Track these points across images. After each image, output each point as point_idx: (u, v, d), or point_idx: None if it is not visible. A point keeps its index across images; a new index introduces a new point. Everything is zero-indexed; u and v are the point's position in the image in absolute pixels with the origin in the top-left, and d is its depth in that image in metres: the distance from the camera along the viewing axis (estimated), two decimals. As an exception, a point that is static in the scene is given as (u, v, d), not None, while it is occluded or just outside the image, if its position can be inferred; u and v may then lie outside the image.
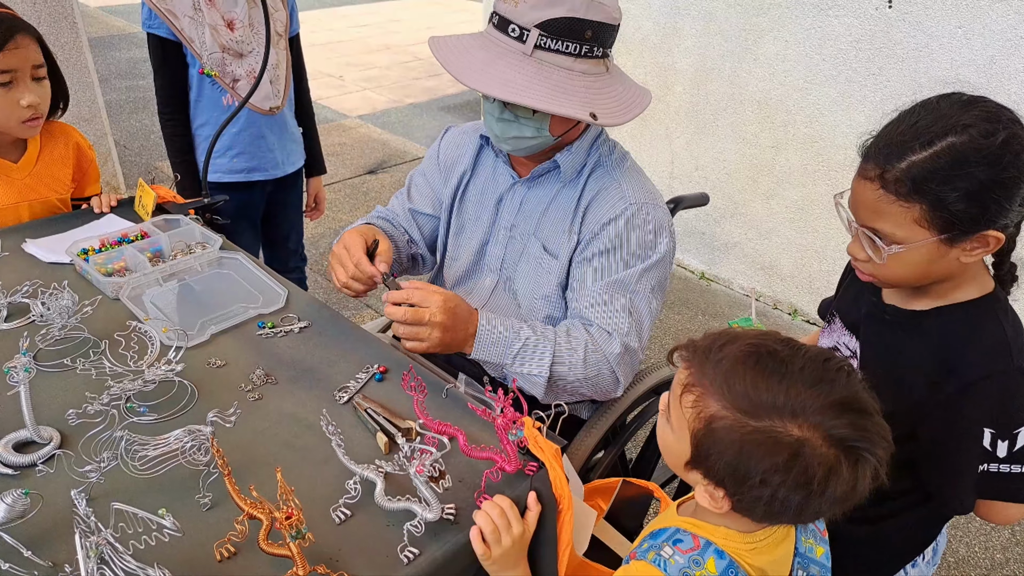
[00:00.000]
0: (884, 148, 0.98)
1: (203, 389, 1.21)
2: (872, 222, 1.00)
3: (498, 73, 1.23)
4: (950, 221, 0.94)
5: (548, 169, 1.42)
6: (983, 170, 0.91)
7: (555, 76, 1.23)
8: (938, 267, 1.00)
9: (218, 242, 1.58)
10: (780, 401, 0.77)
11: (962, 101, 0.96)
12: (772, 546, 0.88)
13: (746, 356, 0.81)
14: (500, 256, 1.51)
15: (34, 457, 1.03)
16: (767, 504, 0.79)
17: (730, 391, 0.79)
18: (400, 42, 8.37)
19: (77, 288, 1.42)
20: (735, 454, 0.78)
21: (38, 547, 0.90)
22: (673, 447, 0.87)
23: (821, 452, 0.76)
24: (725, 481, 0.81)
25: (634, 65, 3.62)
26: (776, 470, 0.76)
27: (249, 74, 2.09)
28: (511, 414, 1.02)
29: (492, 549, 0.94)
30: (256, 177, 2.23)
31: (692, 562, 0.84)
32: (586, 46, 1.24)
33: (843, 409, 0.77)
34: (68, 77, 3.27)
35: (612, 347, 1.32)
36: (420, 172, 1.66)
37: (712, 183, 3.54)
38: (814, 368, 0.79)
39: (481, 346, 1.30)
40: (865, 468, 0.77)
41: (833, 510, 0.80)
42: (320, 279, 3.56)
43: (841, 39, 2.89)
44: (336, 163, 4.91)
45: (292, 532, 0.86)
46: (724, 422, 0.79)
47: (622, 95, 1.31)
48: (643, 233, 1.36)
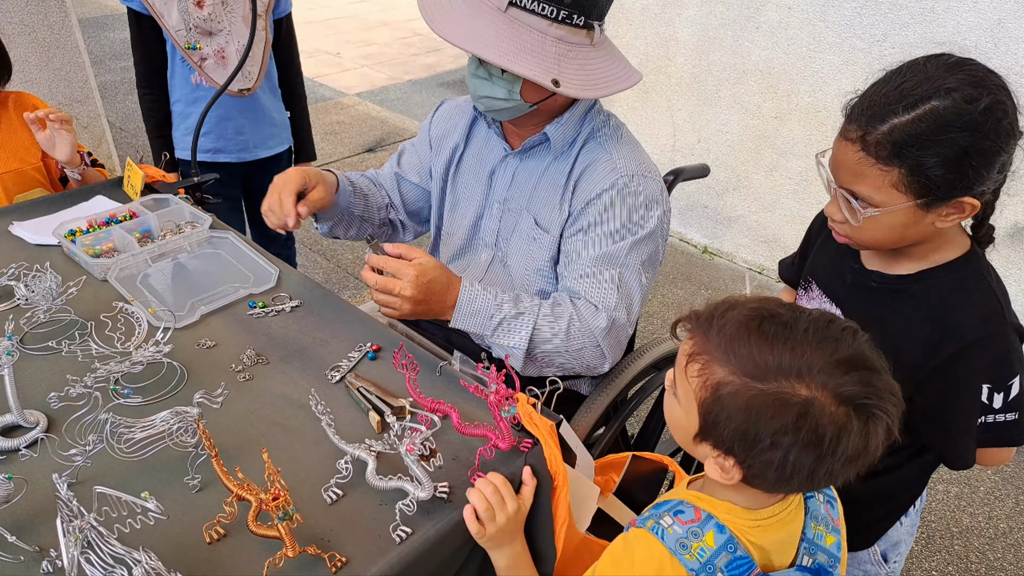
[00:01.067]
0: (867, 109, 0.97)
1: (193, 370, 1.19)
2: (851, 184, 1.00)
3: (471, 27, 1.20)
4: (927, 186, 0.94)
5: (539, 141, 1.38)
6: (964, 136, 0.90)
7: (525, 36, 1.19)
8: (913, 231, 1.01)
9: (208, 221, 1.56)
10: (786, 362, 0.76)
11: (949, 63, 0.95)
12: (777, 526, 0.86)
13: (749, 320, 0.79)
14: (495, 230, 1.48)
15: (18, 441, 1.01)
16: (779, 468, 0.77)
17: (735, 356, 0.78)
18: (399, 18, 8.26)
19: (65, 270, 1.40)
20: (743, 418, 0.77)
21: (23, 532, 0.89)
22: (681, 421, 0.85)
23: (830, 411, 0.74)
24: (735, 448, 0.79)
25: (634, 35, 3.55)
26: (786, 431, 0.75)
27: (217, 53, 2.05)
28: (504, 391, 1.00)
29: (487, 527, 0.93)
30: (222, 159, 2.20)
31: (691, 533, 0.83)
32: (563, 11, 1.19)
33: (850, 367, 0.75)
34: (59, 59, 3.25)
35: (598, 321, 1.29)
36: (412, 142, 1.65)
37: (714, 155, 3.49)
38: (818, 329, 0.78)
39: (460, 317, 1.28)
40: (876, 425, 0.76)
41: (847, 472, 0.78)
42: (318, 258, 3.54)
43: (844, 5, 2.82)
44: (334, 142, 4.86)
45: (279, 513, 0.85)
46: (730, 387, 0.78)
47: (599, 69, 1.25)
48: (633, 205, 1.32)
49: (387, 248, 1.24)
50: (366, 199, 1.58)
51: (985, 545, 2.14)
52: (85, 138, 3.41)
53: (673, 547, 0.82)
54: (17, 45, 3.08)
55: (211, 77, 2.05)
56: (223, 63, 2.06)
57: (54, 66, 3.23)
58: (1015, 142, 0.95)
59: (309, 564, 0.87)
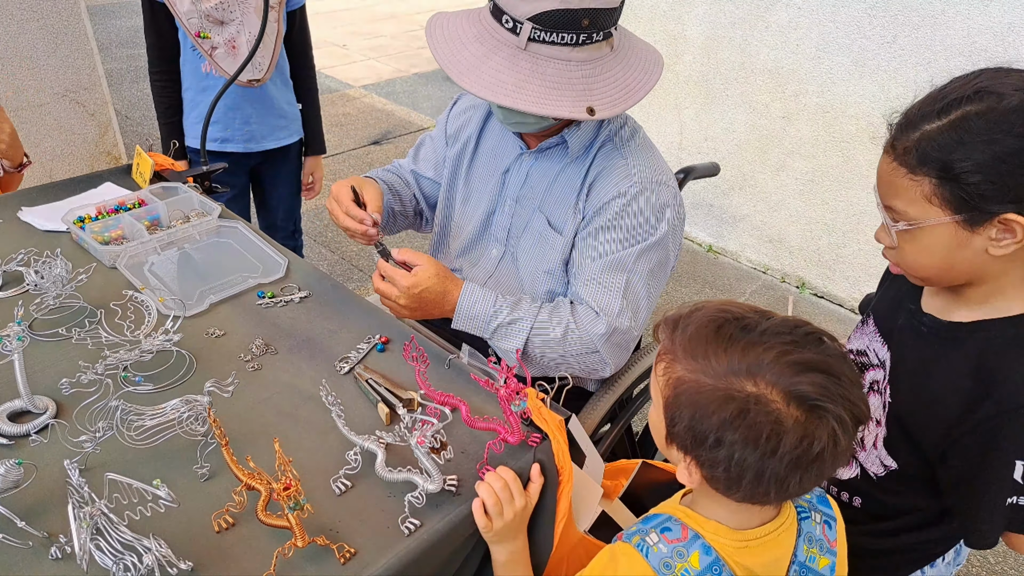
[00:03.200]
0: (903, 119, 0.91)
1: (202, 359, 1.19)
2: (888, 199, 0.93)
3: (491, 71, 1.19)
4: (962, 198, 0.85)
5: (556, 143, 1.38)
6: (995, 138, 0.82)
7: (550, 70, 1.18)
8: (963, 258, 0.90)
9: (217, 210, 1.55)
10: (736, 362, 0.76)
11: (994, 70, 0.88)
12: (764, 548, 0.84)
13: (710, 321, 0.81)
14: (506, 227, 1.48)
15: (27, 427, 1.01)
16: (726, 468, 0.77)
17: (692, 355, 0.79)
18: (406, 11, 8.24)
19: (74, 256, 1.40)
20: (692, 414, 0.78)
21: (33, 518, 0.89)
22: (656, 423, 0.86)
23: (774, 408, 0.74)
24: (688, 446, 0.80)
25: (643, 33, 3.52)
26: (726, 427, 0.75)
27: (228, 43, 2.04)
28: (514, 385, 1.00)
29: (494, 522, 0.93)
30: (229, 148, 2.19)
31: (676, 553, 0.82)
32: (584, 34, 1.17)
33: (806, 369, 0.75)
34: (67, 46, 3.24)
35: (596, 327, 1.30)
36: (430, 136, 1.65)
37: (721, 154, 3.48)
38: (778, 332, 0.78)
39: (459, 319, 1.32)
40: (822, 427, 0.74)
41: (802, 480, 0.77)
42: (323, 250, 3.54)
43: (854, 6, 2.81)
44: (340, 134, 4.85)
45: (290, 503, 0.85)
46: (686, 384, 0.79)
47: (625, 78, 1.24)
48: (644, 212, 1.31)
49: (393, 254, 1.29)
50: (400, 196, 1.62)
51: (977, 566, 2.14)
52: (92, 126, 3.40)
53: (657, 566, 0.81)
54: (26, 32, 3.08)
55: (221, 66, 2.05)
56: (233, 53, 2.06)
57: (62, 53, 3.23)
58: None
59: (318, 555, 0.87)
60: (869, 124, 2.94)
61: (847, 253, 3.20)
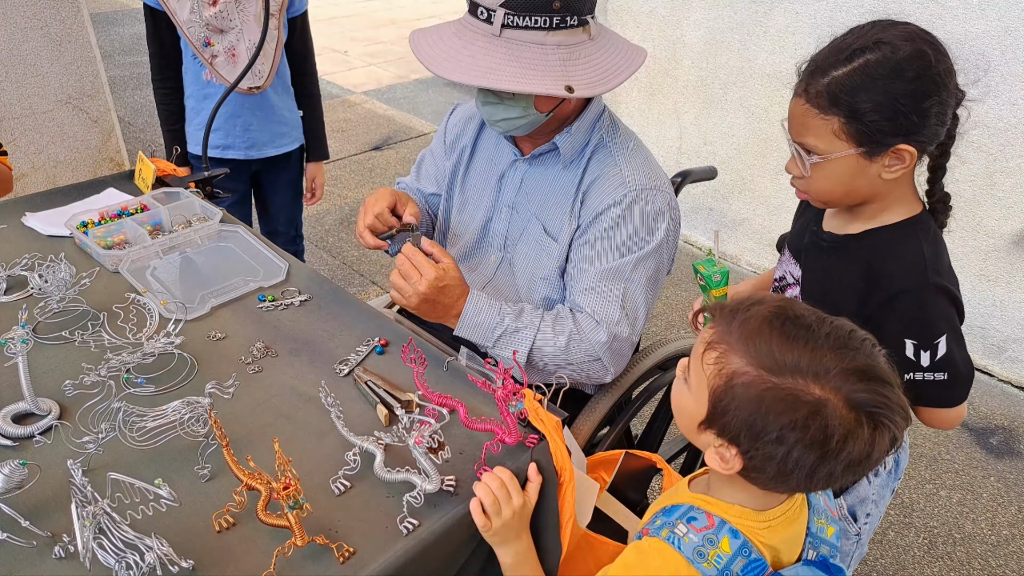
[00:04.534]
0: (811, 66, 1.06)
1: (203, 361, 1.20)
2: (800, 136, 1.08)
3: (469, 58, 1.20)
4: (865, 133, 1.02)
5: (548, 150, 1.39)
6: (891, 82, 0.99)
7: (527, 54, 1.19)
8: (862, 183, 1.08)
9: (218, 215, 1.57)
10: (804, 362, 0.77)
11: (886, 24, 1.04)
12: (785, 524, 0.87)
13: (773, 317, 0.81)
14: (503, 233, 1.49)
15: (32, 428, 1.03)
16: (780, 464, 0.78)
17: (754, 349, 0.80)
18: (406, 16, 8.28)
19: (77, 261, 1.42)
20: (753, 409, 0.78)
21: (36, 517, 0.90)
22: (688, 407, 0.86)
23: (841, 414, 0.76)
24: (740, 438, 0.80)
25: (642, 38, 3.56)
26: (794, 427, 0.76)
27: (227, 51, 2.06)
28: (511, 386, 1.01)
29: (492, 521, 0.94)
30: (231, 155, 2.20)
31: (706, 540, 0.84)
32: (556, 17, 1.19)
33: (864, 376, 0.77)
34: (70, 53, 3.27)
35: (598, 335, 1.31)
36: (430, 151, 1.67)
37: (721, 158, 3.49)
38: (839, 336, 0.79)
39: (463, 327, 1.31)
40: (883, 435, 0.77)
41: (846, 477, 0.80)
42: (324, 255, 3.55)
43: (852, 10, 2.83)
44: (341, 139, 4.88)
45: (290, 503, 0.86)
46: (745, 378, 0.79)
47: (604, 62, 1.26)
48: (640, 220, 1.32)
49: (423, 243, 1.29)
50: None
51: (988, 552, 2.15)
52: (95, 133, 3.43)
53: (690, 556, 0.83)
54: (29, 39, 3.10)
55: (221, 74, 2.07)
56: (233, 61, 2.07)
57: (65, 60, 3.25)
58: (948, 94, 1.02)
59: (317, 554, 0.89)
60: (867, 128, 2.95)
61: (846, 256, 3.21)
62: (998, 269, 2.74)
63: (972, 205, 2.72)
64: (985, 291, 2.78)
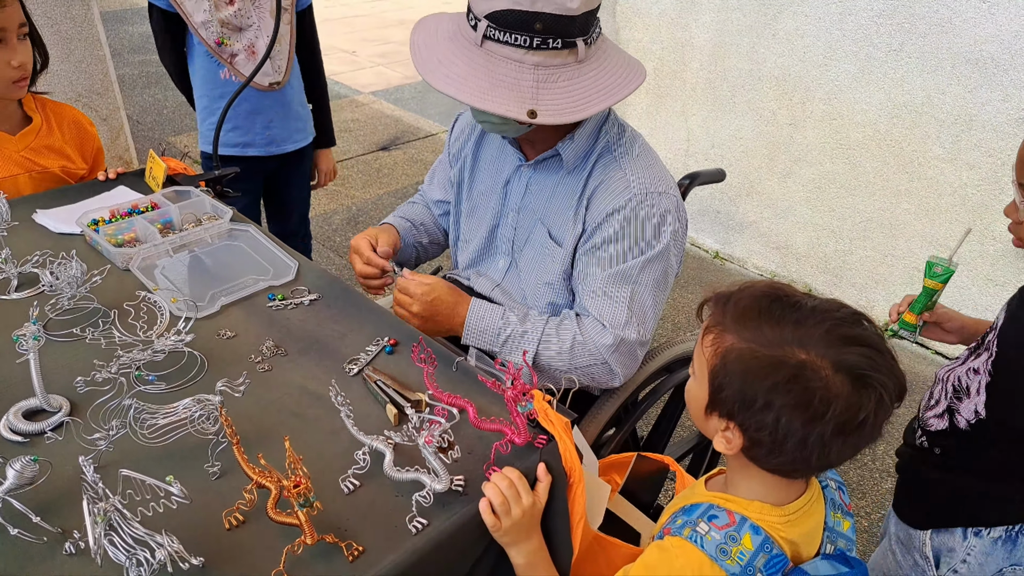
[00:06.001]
0: None
1: (213, 360, 1.20)
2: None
3: (449, 64, 1.21)
4: None
5: (550, 155, 1.38)
6: None
7: (501, 69, 1.18)
8: None
9: (228, 214, 1.57)
10: (788, 333, 0.81)
11: None
12: (803, 518, 0.89)
13: (762, 296, 0.85)
14: (510, 238, 1.50)
15: (43, 425, 1.03)
16: (771, 431, 0.80)
17: (745, 326, 0.83)
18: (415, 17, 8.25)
19: (87, 258, 1.42)
20: (742, 379, 0.81)
21: (47, 513, 0.90)
22: (696, 394, 0.89)
23: (824, 375, 0.78)
24: (735, 410, 0.83)
25: (651, 40, 3.56)
26: (778, 390, 0.79)
27: (247, 48, 2.08)
28: (521, 386, 1.01)
29: (502, 521, 0.94)
30: (251, 152, 2.22)
31: (728, 538, 0.85)
32: (538, 38, 1.16)
33: (852, 342, 0.80)
34: (80, 52, 3.28)
35: (603, 339, 1.31)
36: (440, 160, 1.69)
37: (728, 161, 3.49)
38: (826, 309, 0.83)
39: (469, 333, 1.35)
40: (869, 394, 0.78)
41: (839, 444, 0.81)
42: (332, 255, 3.56)
43: (862, 13, 2.82)
44: (349, 139, 4.88)
45: (300, 501, 0.86)
46: (736, 352, 0.83)
47: (584, 87, 1.21)
48: (646, 224, 1.31)
49: (405, 273, 1.37)
50: (424, 226, 1.69)
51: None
52: (104, 131, 3.44)
53: (713, 554, 0.84)
54: (40, 37, 3.11)
55: (242, 72, 2.08)
56: (254, 58, 2.09)
57: (75, 59, 3.27)
58: None
59: (326, 552, 0.89)
60: (876, 131, 2.94)
61: (853, 260, 3.20)
62: (1006, 274, 2.73)
63: (980, 209, 2.71)
64: (993, 295, 2.77)
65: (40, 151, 1.74)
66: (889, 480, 2.40)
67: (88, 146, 1.85)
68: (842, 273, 3.27)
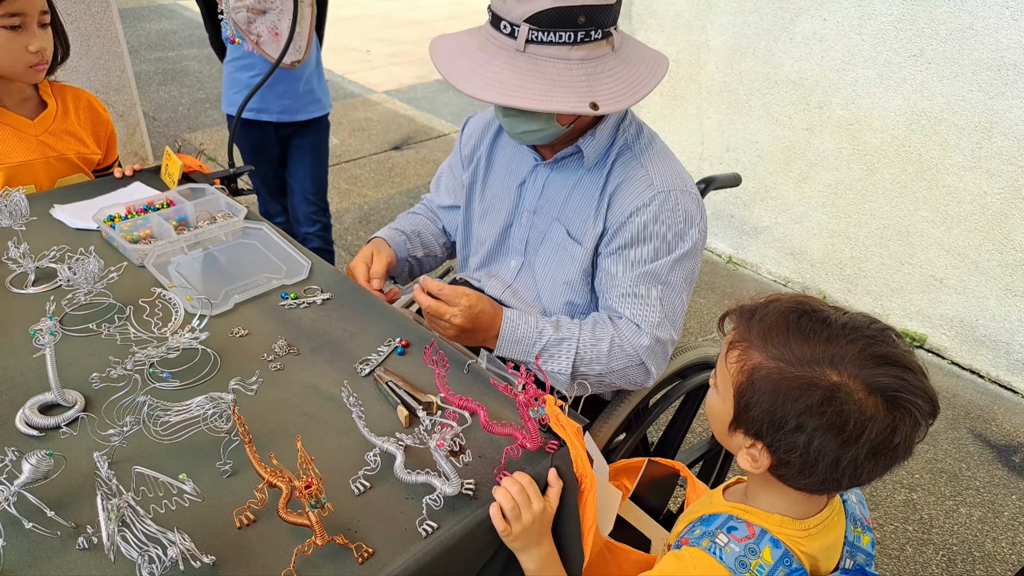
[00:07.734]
0: None
1: (226, 358, 1.21)
2: None
3: (492, 74, 1.19)
4: None
5: (571, 153, 1.38)
6: None
7: (550, 70, 1.18)
8: None
9: (243, 212, 1.58)
10: (819, 352, 0.78)
11: None
12: (824, 532, 0.87)
13: (790, 311, 0.82)
14: (524, 238, 1.49)
15: (58, 419, 1.04)
16: (803, 453, 0.78)
17: (773, 343, 0.81)
18: (427, 17, 8.31)
19: (103, 254, 1.43)
20: (772, 400, 0.79)
21: (61, 508, 0.91)
22: (718, 409, 0.87)
23: (858, 398, 0.76)
24: (763, 431, 0.81)
25: (666, 42, 3.54)
26: (811, 413, 0.77)
27: (271, 30, 2.27)
28: (533, 391, 1.01)
29: (512, 526, 0.93)
30: (264, 118, 2.46)
31: (748, 551, 0.84)
32: (581, 32, 1.17)
33: (884, 362, 0.77)
34: (98, 48, 3.31)
35: (640, 340, 1.30)
36: (448, 165, 1.68)
37: (743, 165, 3.47)
38: (856, 326, 0.80)
39: (503, 345, 1.32)
40: (904, 417, 0.76)
41: (872, 465, 0.79)
42: (343, 254, 3.57)
43: (881, 18, 2.80)
44: (361, 138, 4.90)
45: (311, 501, 0.86)
46: (764, 371, 0.80)
47: (628, 75, 1.23)
48: (673, 222, 1.31)
49: (431, 286, 1.32)
50: (420, 237, 1.66)
51: (1008, 572, 2.11)
52: (120, 127, 3.47)
53: (732, 566, 0.83)
54: (59, 33, 3.15)
55: (267, 52, 2.32)
56: (277, 39, 2.29)
57: (93, 55, 3.29)
58: None
59: (336, 553, 0.89)
60: (894, 138, 2.92)
61: (869, 267, 3.18)
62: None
63: (1000, 218, 2.68)
64: (1011, 306, 2.73)
65: (57, 135, 1.76)
66: (903, 492, 2.38)
67: (102, 131, 1.87)
68: (857, 280, 3.24)
